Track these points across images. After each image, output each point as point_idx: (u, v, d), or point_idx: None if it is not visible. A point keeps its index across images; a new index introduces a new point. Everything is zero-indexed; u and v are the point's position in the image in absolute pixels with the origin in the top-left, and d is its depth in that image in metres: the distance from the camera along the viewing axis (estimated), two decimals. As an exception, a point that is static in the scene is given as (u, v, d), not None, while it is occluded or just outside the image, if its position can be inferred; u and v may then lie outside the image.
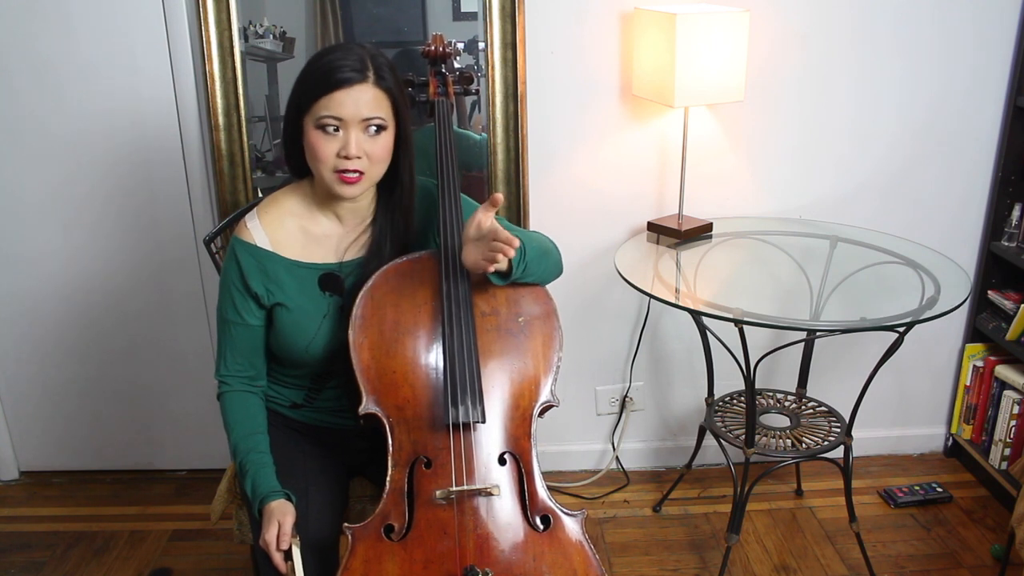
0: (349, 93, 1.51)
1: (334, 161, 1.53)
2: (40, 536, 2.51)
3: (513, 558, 1.48)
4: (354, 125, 1.52)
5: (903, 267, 2.23)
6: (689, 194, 2.45)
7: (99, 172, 2.45)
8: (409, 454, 1.53)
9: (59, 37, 2.32)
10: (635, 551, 2.43)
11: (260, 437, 1.63)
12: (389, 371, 1.56)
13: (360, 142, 1.53)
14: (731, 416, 2.40)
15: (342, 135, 1.52)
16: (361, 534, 1.49)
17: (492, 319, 1.60)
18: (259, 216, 1.64)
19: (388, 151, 1.58)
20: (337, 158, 1.53)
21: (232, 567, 2.37)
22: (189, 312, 2.59)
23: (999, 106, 2.51)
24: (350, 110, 1.51)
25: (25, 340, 2.63)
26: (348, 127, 1.52)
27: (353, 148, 1.52)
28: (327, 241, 1.66)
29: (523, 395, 1.59)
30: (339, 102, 1.50)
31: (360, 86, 1.51)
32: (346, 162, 1.52)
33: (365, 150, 1.53)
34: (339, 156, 1.52)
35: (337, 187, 1.56)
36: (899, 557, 2.39)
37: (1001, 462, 2.56)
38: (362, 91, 1.51)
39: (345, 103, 1.51)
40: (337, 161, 1.53)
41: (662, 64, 2.19)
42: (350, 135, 1.52)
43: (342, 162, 1.53)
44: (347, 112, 1.51)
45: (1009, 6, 2.41)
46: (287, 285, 1.62)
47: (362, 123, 1.52)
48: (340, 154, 1.52)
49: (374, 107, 1.53)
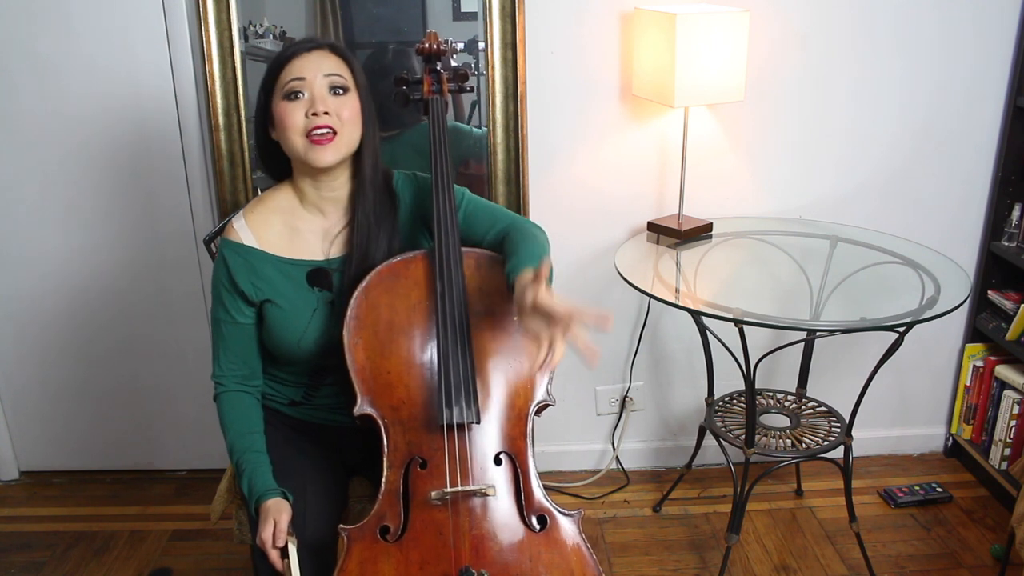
0: (308, 56, 1.58)
1: (304, 123, 1.56)
2: (40, 536, 2.51)
3: (509, 559, 1.48)
4: (318, 82, 1.57)
5: (903, 267, 2.23)
6: (689, 194, 2.45)
7: (99, 172, 2.46)
8: (404, 455, 1.53)
9: (59, 37, 2.32)
10: (635, 551, 2.43)
11: (256, 436, 1.64)
12: (384, 372, 1.56)
13: (326, 98, 1.57)
14: (731, 416, 2.40)
15: (308, 96, 1.57)
16: (357, 535, 1.49)
17: (487, 318, 1.60)
18: (245, 216, 1.67)
19: (356, 113, 1.61)
20: (307, 119, 1.56)
21: (232, 567, 2.37)
22: (189, 312, 2.60)
23: (999, 106, 2.51)
24: (311, 69, 1.57)
25: (25, 340, 2.64)
26: (312, 86, 1.57)
27: (319, 104, 1.56)
28: (313, 237, 1.67)
29: (519, 395, 1.58)
30: (299, 65, 1.58)
31: (317, 51, 1.59)
32: (315, 119, 1.55)
33: (332, 107, 1.57)
34: (308, 115, 1.56)
35: (311, 153, 1.57)
36: (899, 557, 2.38)
37: (1001, 462, 2.55)
38: (320, 54, 1.60)
39: (305, 65, 1.57)
40: (307, 122, 1.56)
41: (662, 64, 2.19)
42: (315, 92, 1.57)
43: (312, 120, 1.56)
44: (309, 70, 1.57)
45: (1009, 6, 2.41)
46: (275, 281, 1.64)
47: (325, 80, 1.57)
48: (308, 112, 1.56)
49: (334, 66, 1.59)
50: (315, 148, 1.56)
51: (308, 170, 1.62)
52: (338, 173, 1.64)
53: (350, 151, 1.62)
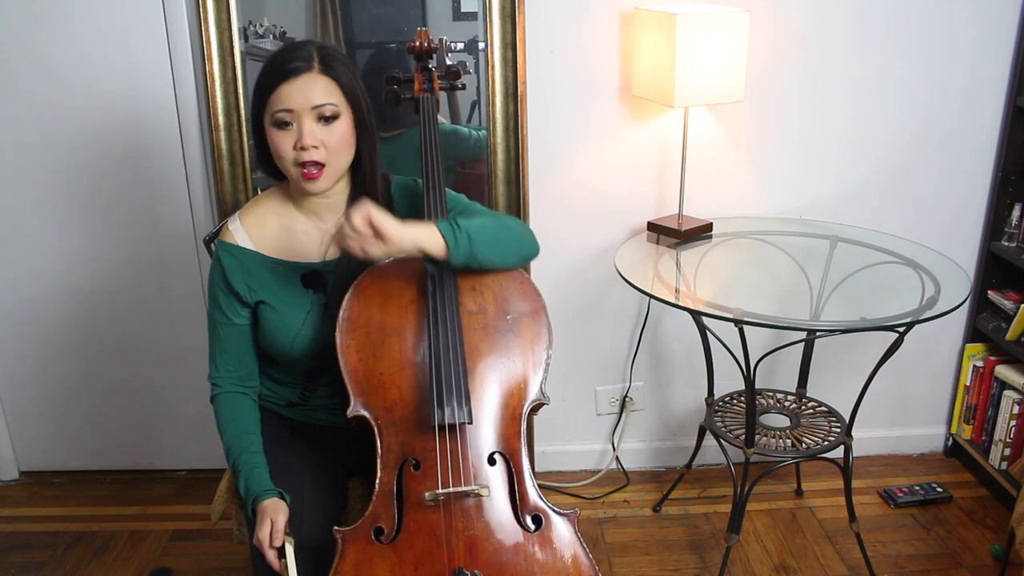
0: (295, 84, 1.53)
1: (293, 155, 1.55)
2: (40, 536, 2.52)
3: (504, 559, 1.47)
4: (306, 115, 1.54)
5: (903, 267, 2.22)
6: (689, 194, 2.45)
7: (99, 172, 2.46)
8: (398, 456, 1.53)
9: (59, 37, 2.33)
10: (635, 551, 2.43)
11: (253, 437, 1.64)
12: (376, 373, 1.56)
13: (314, 132, 1.54)
14: (731, 416, 2.40)
15: (296, 127, 1.54)
16: (351, 537, 1.48)
17: (479, 318, 1.60)
18: (240, 218, 1.67)
19: (345, 139, 1.58)
20: (295, 151, 1.54)
21: (232, 567, 2.37)
22: (189, 312, 2.60)
23: (999, 106, 2.51)
24: (298, 100, 1.53)
25: (25, 340, 2.64)
26: (300, 118, 1.54)
27: (307, 138, 1.53)
28: (308, 239, 1.67)
29: (512, 394, 1.58)
30: (287, 94, 1.53)
31: (306, 75, 1.54)
32: (303, 154, 1.54)
33: (321, 140, 1.55)
34: (296, 149, 1.54)
35: (303, 184, 1.57)
36: (899, 557, 2.38)
37: (1001, 462, 2.55)
38: (308, 80, 1.54)
39: (292, 94, 1.53)
40: (296, 154, 1.55)
41: (662, 64, 2.18)
42: (303, 126, 1.54)
43: (300, 154, 1.54)
44: (296, 103, 1.53)
45: (1009, 6, 2.41)
46: (269, 283, 1.64)
47: (313, 111, 1.54)
48: (296, 146, 1.54)
49: (323, 94, 1.54)
50: (305, 180, 1.56)
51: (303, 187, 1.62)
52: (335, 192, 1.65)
53: (342, 174, 1.62)
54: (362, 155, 1.64)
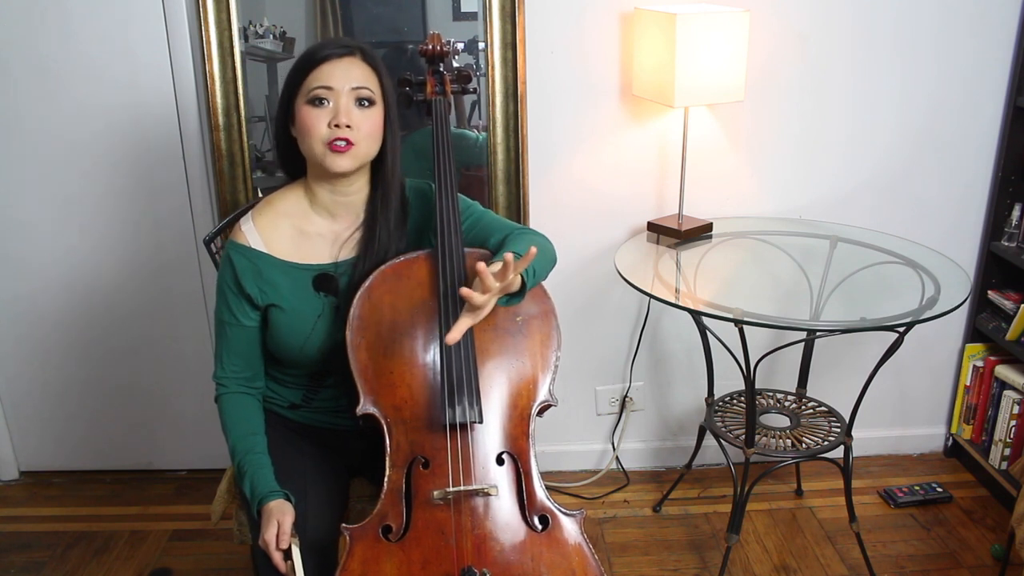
0: (338, 64, 1.57)
1: (326, 132, 1.55)
2: (40, 536, 2.51)
3: (511, 558, 1.48)
4: (344, 94, 1.55)
5: (903, 267, 2.23)
6: (689, 194, 2.45)
7: (99, 172, 2.46)
8: (407, 454, 1.53)
9: (59, 37, 2.32)
10: (635, 551, 2.43)
11: (258, 438, 1.63)
12: (386, 371, 1.56)
13: (351, 111, 1.56)
14: (731, 416, 2.40)
15: (332, 105, 1.55)
16: (359, 535, 1.49)
17: (489, 318, 1.60)
18: (253, 219, 1.66)
19: (377, 128, 1.60)
20: (329, 128, 1.55)
21: (232, 567, 2.37)
22: (189, 312, 2.60)
23: (999, 106, 2.51)
24: (340, 78, 1.56)
25: (25, 340, 2.64)
26: (339, 97, 1.55)
27: (343, 116, 1.54)
28: (322, 240, 1.66)
29: (521, 395, 1.59)
30: (328, 72, 1.56)
31: (348, 59, 1.58)
32: (337, 131, 1.54)
33: (355, 121, 1.56)
34: (331, 126, 1.55)
35: (328, 159, 1.57)
36: (899, 557, 2.39)
37: (1001, 462, 2.56)
38: (350, 63, 1.58)
39: (334, 73, 1.56)
40: (329, 132, 1.55)
41: (662, 64, 2.19)
42: (340, 103, 1.55)
43: (334, 131, 1.55)
44: (337, 80, 1.55)
45: (1009, 6, 2.41)
46: (281, 286, 1.63)
47: (352, 92, 1.56)
48: (331, 123, 1.55)
49: (362, 78, 1.58)
50: (332, 155, 1.56)
51: (324, 173, 1.61)
52: (355, 178, 1.64)
53: (367, 161, 1.62)
54: (386, 153, 1.64)
